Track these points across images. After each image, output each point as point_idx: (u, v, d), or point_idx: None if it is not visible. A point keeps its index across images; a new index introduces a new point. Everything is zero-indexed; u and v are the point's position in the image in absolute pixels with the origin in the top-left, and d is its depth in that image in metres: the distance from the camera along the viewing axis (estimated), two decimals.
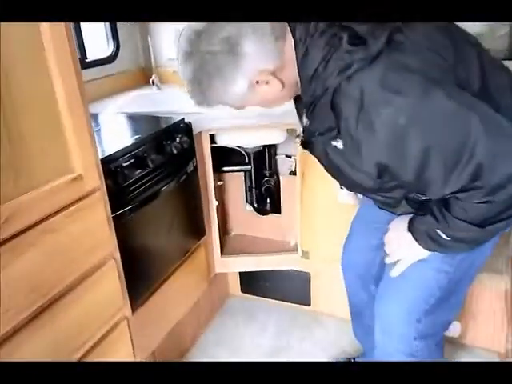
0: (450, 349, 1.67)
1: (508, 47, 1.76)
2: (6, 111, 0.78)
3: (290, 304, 1.96)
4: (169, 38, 2.11)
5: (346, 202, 1.53)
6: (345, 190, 1.47)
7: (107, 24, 1.98)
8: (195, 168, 1.55)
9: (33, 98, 0.84)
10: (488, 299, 1.62)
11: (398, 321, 1.10)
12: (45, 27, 0.83)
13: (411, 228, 0.98)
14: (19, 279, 0.83)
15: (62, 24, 0.87)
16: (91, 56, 1.86)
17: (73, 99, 0.91)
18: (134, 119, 1.58)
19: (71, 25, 0.94)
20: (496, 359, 1.63)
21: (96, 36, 1.96)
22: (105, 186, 1.03)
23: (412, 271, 1.05)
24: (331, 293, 1.83)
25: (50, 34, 0.84)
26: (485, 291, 1.61)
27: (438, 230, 0.91)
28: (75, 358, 0.98)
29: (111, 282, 1.05)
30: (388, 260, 1.08)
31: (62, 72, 0.88)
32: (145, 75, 2.18)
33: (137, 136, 1.32)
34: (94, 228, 1.00)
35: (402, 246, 1.03)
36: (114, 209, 1.09)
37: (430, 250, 0.97)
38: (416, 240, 0.97)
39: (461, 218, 0.86)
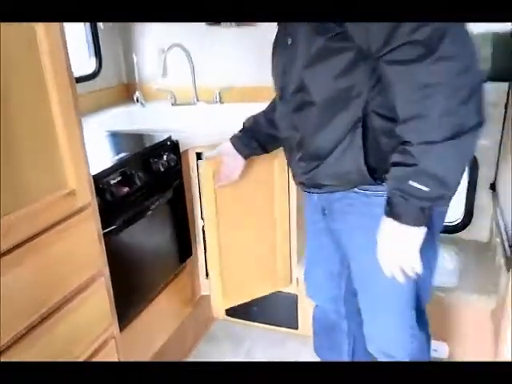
0: None
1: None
2: (1, 123, 0.80)
3: (277, 328, 1.99)
4: (152, 55, 2.19)
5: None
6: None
7: (90, 40, 2.06)
8: (182, 186, 1.59)
9: (28, 111, 0.86)
10: (476, 319, 1.69)
11: (396, 338, 1.18)
12: (42, 38, 0.87)
13: (390, 212, 0.94)
14: (7, 298, 0.82)
15: (59, 36, 0.91)
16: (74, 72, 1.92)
17: (67, 113, 0.94)
18: (119, 136, 1.62)
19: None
20: None
21: (78, 52, 2.03)
22: (96, 202, 1.06)
23: (385, 287, 1.09)
24: None
25: (48, 46, 0.88)
26: (472, 312, 1.69)
27: (411, 182, 0.88)
28: None
29: (100, 299, 1.07)
30: (400, 276, 1.00)
31: (58, 84, 0.91)
32: (128, 91, 2.24)
33: (124, 154, 1.37)
34: (85, 245, 1.02)
35: (385, 243, 0.98)
36: (102, 226, 1.11)
37: (419, 223, 0.92)
38: (401, 219, 0.92)
39: (421, 140, 0.85)
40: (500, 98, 1.87)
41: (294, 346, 1.91)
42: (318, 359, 1.72)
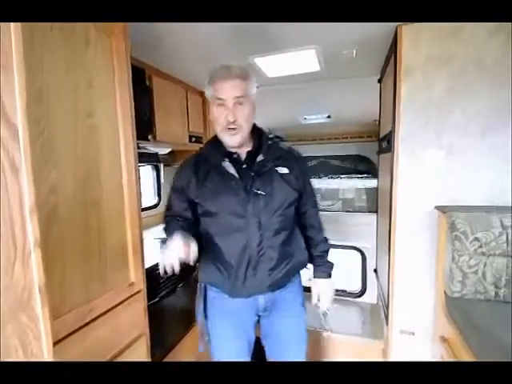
0: None
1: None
2: (100, 240, 0.83)
3: None
4: None
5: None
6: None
7: (155, 187, 2.14)
8: (195, 277, 1.54)
9: (113, 234, 0.88)
10: (374, 353, 1.59)
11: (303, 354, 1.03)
12: (125, 185, 0.89)
13: (328, 274, 1.03)
14: (90, 347, 0.81)
15: (135, 183, 0.92)
16: (144, 204, 1.96)
17: (136, 236, 0.96)
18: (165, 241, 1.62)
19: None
20: None
21: (150, 193, 2.11)
22: (145, 288, 1.04)
23: (298, 329, 1.00)
24: None
25: (128, 193, 0.92)
26: (371, 349, 1.61)
27: (328, 258, 1.04)
28: None
29: (142, 349, 1.01)
30: (325, 309, 1.04)
31: (132, 217, 0.95)
32: None
33: None
34: (137, 314, 0.99)
35: (329, 292, 1.03)
36: (148, 299, 1.06)
37: (330, 276, 1.04)
38: (330, 276, 1.03)
39: (326, 239, 1.03)
40: (373, 220, 2.00)
41: None
42: None
